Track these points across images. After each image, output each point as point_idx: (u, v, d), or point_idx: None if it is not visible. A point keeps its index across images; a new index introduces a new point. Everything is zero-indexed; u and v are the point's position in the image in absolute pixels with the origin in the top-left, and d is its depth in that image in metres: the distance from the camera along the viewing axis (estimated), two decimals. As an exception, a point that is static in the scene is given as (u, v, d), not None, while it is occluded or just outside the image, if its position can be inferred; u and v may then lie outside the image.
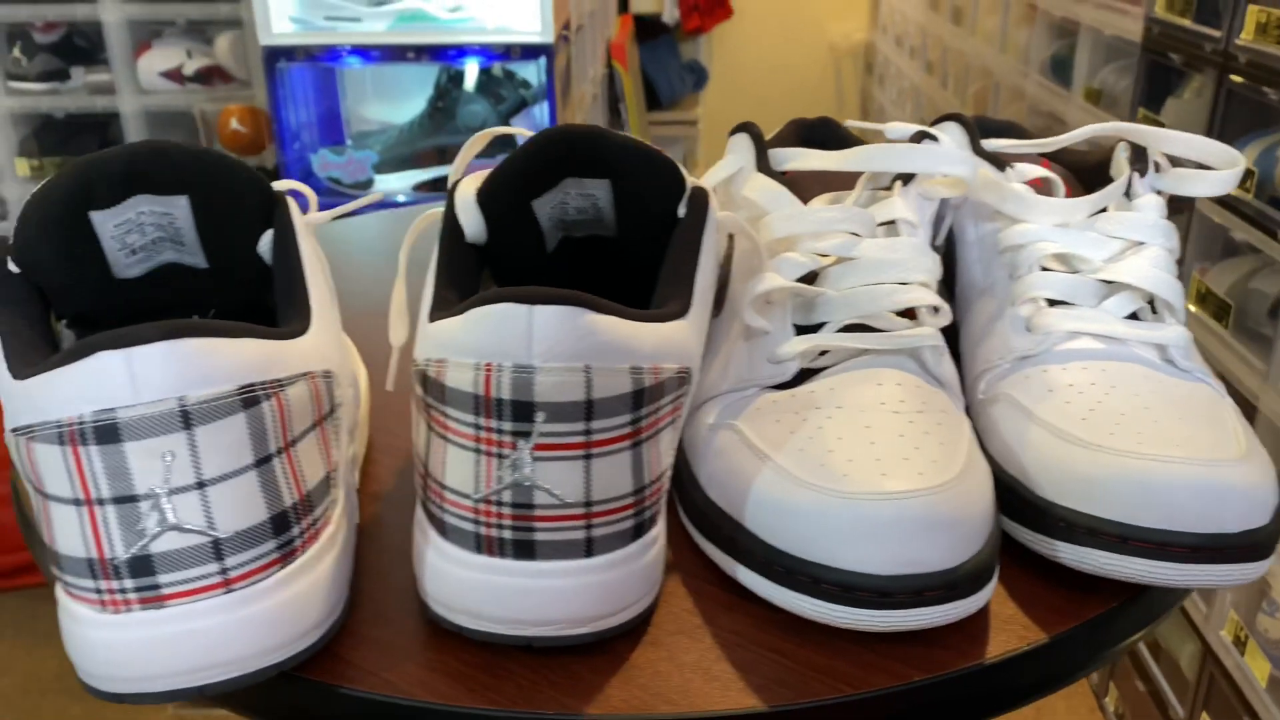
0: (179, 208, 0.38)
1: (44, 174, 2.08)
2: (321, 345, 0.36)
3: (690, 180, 0.42)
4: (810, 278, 0.43)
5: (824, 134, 0.56)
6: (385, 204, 1.46)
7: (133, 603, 0.31)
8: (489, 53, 1.41)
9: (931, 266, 0.43)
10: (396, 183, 1.48)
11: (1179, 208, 1.48)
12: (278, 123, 1.42)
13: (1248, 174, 1.29)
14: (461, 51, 1.40)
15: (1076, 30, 1.89)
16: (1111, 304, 0.43)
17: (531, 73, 1.51)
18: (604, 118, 2.60)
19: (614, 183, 0.41)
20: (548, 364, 0.32)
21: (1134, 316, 0.44)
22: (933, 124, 0.51)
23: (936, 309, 0.42)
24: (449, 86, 1.47)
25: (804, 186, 0.47)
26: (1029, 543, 0.39)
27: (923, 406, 0.38)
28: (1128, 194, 0.47)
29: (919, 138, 0.48)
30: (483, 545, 0.33)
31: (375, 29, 1.39)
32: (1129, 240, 0.45)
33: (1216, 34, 1.37)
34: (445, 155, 1.47)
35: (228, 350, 0.31)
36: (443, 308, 0.37)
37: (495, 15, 1.41)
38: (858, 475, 0.35)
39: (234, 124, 1.48)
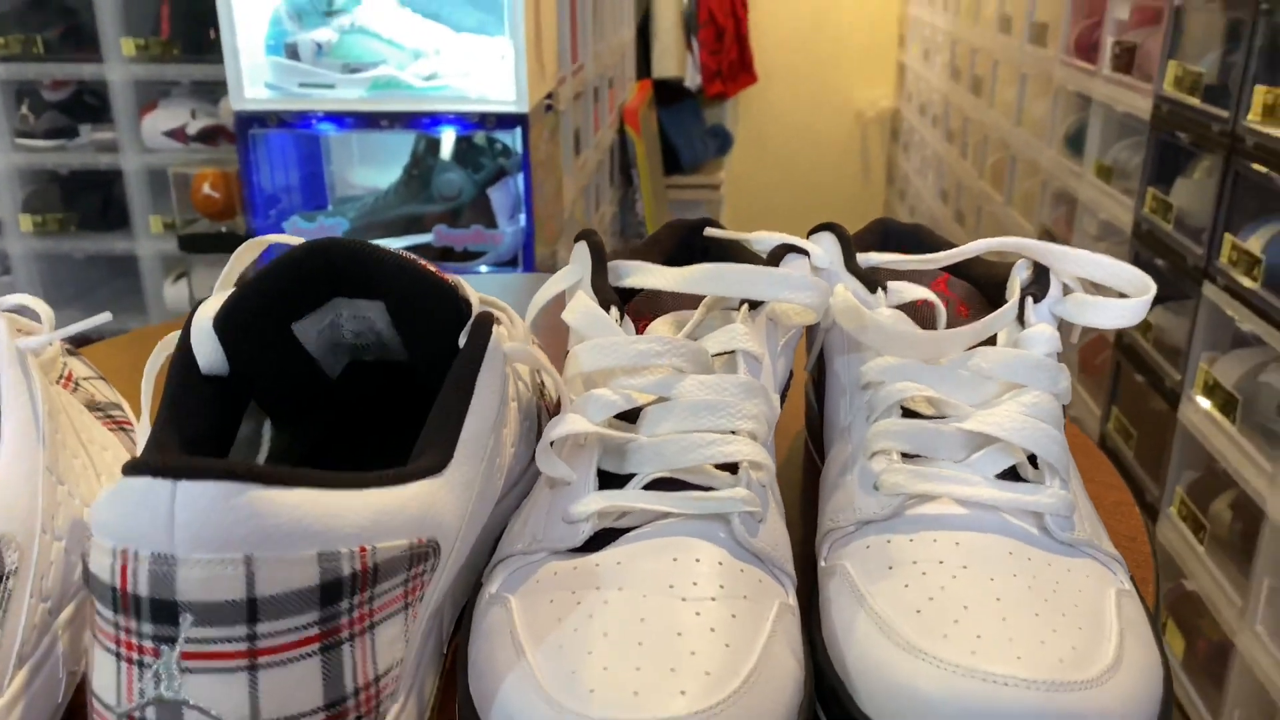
0: None
1: (46, 230, 2.08)
2: None
3: (478, 306, 0.36)
4: (636, 416, 0.37)
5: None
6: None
7: None
8: (464, 121, 1.37)
9: (763, 410, 0.36)
10: (369, 251, 1.43)
11: (1185, 292, 1.39)
12: (248, 188, 1.39)
13: (1254, 262, 1.21)
14: (436, 120, 1.36)
15: (1090, 106, 1.82)
16: (980, 460, 0.37)
17: (515, 141, 1.47)
18: (612, 182, 2.56)
19: (388, 305, 0.36)
20: (193, 555, 0.26)
21: (1013, 474, 0.37)
22: (809, 234, 0.45)
23: (759, 465, 0.35)
24: (425, 154, 1.44)
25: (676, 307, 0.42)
26: (849, 764, 0.32)
27: (716, 593, 0.31)
28: (1022, 321, 0.41)
29: (781, 252, 0.42)
30: (131, 768, 0.27)
31: (349, 96, 1.36)
32: (1007, 382, 0.38)
33: (1224, 114, 1.30)
34: (419, 223, 1.43)
35: None
36: (150, 454, 0.31)
37: (472, 84, 1.37)
38: (605, 695, 0.28)
39: (206, 189, 1.45)
